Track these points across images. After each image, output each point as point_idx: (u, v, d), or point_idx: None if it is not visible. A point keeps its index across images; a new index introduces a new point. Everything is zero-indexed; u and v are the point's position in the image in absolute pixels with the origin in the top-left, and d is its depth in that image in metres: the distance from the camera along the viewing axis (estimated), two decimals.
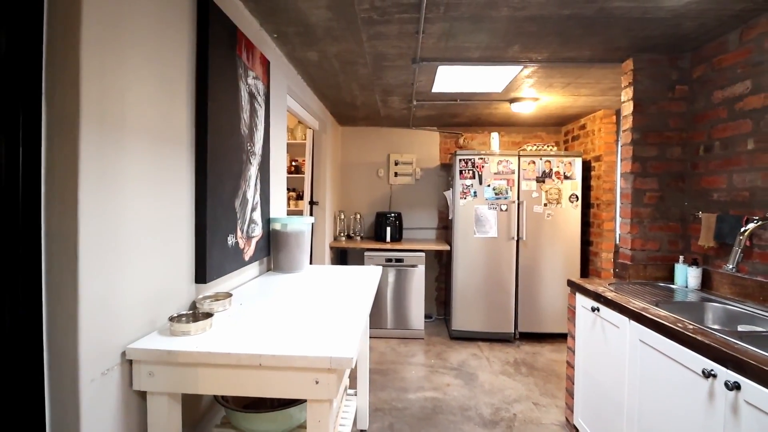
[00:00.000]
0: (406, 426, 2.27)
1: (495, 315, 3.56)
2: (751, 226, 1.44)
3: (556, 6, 1.66)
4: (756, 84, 1.71)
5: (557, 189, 3.54)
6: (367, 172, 4.36)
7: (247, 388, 1.03)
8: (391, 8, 1.69)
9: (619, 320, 1.68)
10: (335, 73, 2.58)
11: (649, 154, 2.12)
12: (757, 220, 1.47)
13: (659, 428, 1.43)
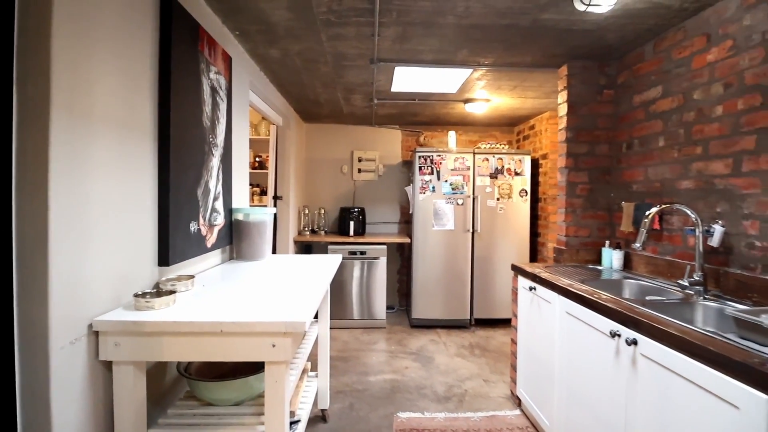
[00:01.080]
0: (365, 405, 2.42)
1: (452, 303, 3.78)
2: (653, 210, 1.69)
3: (495, 16, 1.85)
4: (666, 89, 1.99)
5: (509, 184, 3.80)
6: (331, 168, 4.47)
7: (210, 353, 1.13)
8: (347, 12, 1.82)
9: (550, 296, 1.90)
10: (298, 71, 2.67)
11: (581, 150, 2.38)
12: (658, 206, 1.72)
13: (581, 386, 1.65)
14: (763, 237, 1.48)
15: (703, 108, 1.75)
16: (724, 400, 0.98)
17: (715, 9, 1.71)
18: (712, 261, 1.67)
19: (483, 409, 2.35)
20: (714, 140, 1.69)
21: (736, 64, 1.60)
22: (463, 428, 2.14)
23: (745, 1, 1.57)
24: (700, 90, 1.77)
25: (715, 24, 1.70)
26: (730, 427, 0.97)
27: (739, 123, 1.58)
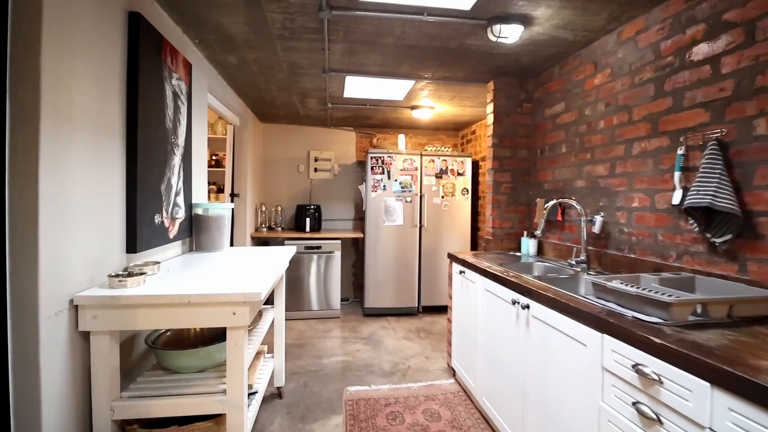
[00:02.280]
0: (318, 382, 2.66)
1: (402, 293, 4.11)
2: (549, 204, 2.09)
3: (427, 40, 2.17)
4: (567, 105, 2.40)
5: (452, 184, 4.18)
6: (288, 167, 4.65)
7: (179, 321, 1.34)
8: (299, 29, 2.06)
9: (475, 278, 2.25)
10: (254, 76, 2.86)
11: (505, 154, 2.77)
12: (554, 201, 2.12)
13: (496, 349, 2.00)
14: (629, 224, 1.90)
15: (591, 122, 2.17)
16: (578, 341, 1.34)
17: (600, 42, 2.13)
18: (596, 244, 2.09)
19: (423, 380, 2.68)
20: (598, 148, 2.11)
21: (613, 88, 2.02)
22: (404, 396, 2.45)
23: (619, 37, 1.99)
24: (589, 107, 2.19)
25: (600, 54, 2.13)
26: (581, 358, 1.33)
27: (614, 135, 2.00)
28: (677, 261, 1.63)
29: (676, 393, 0.97)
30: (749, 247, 1.35)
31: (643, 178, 1.81)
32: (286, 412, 2.30)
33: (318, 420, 2.21)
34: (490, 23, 1.93)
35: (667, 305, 1.13)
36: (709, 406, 0.89)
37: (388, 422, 2.15)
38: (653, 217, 1.75)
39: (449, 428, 2.10)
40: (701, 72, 1.54)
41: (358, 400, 2.39)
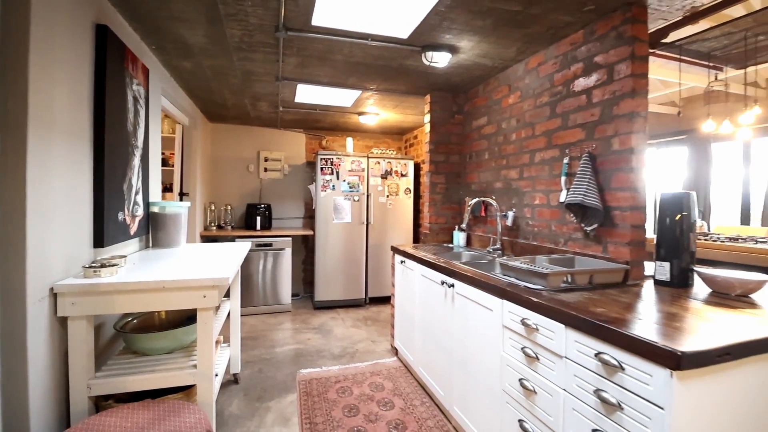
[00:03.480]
0: (272, 368, 2.87)
1: (350, 285, 4.39)
2: (472, 202, 2.50)
3: (372, 59, 2.49)
4: (489, 119, 2.84)
5: (396, 184, 4.55)
6: (237, 166, 4.73)
7: (153, 305, 1.52)
8: (257, 44, 2.27)
9: (413, 265, 2.60)
10: (208, 80, 2.99)
11: (440, 159, 3.17)
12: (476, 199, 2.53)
13: (430, 325, 2.36)
14: (533, 218, 2.36)
15: (506, 134, 2.62)
16: (487, 308, 1.73)
17: (513, 69, 2.57)
18: (509, 235, 2.54)
19: (369, 360, 2.99)
20: (511, 156, 2.56)
21: (522, 107, 2.47)
22: (352, 374, 2.74)
23: (526, 66, 2.44)
24: (505, 122, 2.63)
25: (513, 79, 2.57)
26: (489, 321, 1.71)
27: (522, 145, 2.45)
28: (564, 245, 2.09)
29: (546, 336, 1.36)
30: (608, 233, 1.83)
31: (542, 181, 2.27)
32: (243, 394, 2.50)
33: (274, 399, 2.44)
34: (424, 50, 2.29)
35: (546, 275, 1.54)
36: (564, 341, 1.29)
37: (338, 395, 2.44)
38: (549, 212, 2.21)
39: (391, 395, 2.43)
40: (580, 100, 2.00)
41: (310, 380, 2.65)
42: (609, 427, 1.10)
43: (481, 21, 1.96)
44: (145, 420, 1.36)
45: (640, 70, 1.72)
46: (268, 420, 2.21)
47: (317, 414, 2.23)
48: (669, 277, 1.59)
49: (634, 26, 1.72)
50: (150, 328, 1.94)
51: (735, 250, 2.67)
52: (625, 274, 1.68)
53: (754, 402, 1.04)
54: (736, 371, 1.01)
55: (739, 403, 1.02)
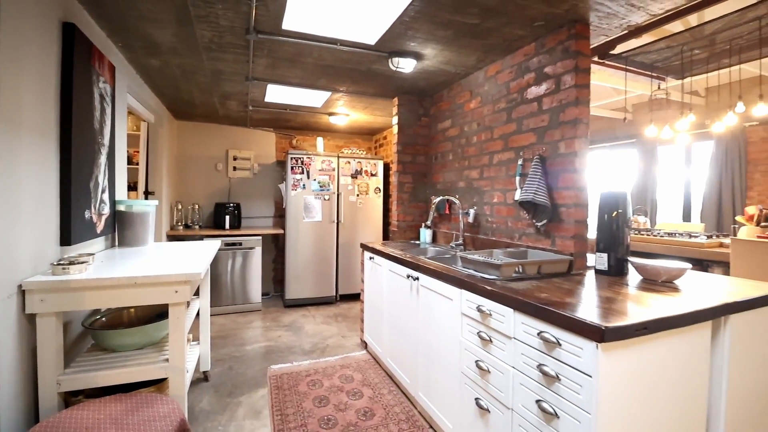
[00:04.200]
0: (243, 365, 2.91)
1: (321, 283, 4.46)
2: (436, 200, 2.65)
3: (341, 62, 2.58)
4: (453, 122, 3.00)
5: (366, 183, 4.65)
6: (205, 165, 4.68)
7: (125, 301, 1.55)
8: (227, 45, 2.31)
9: (381, 261, 2.71)
10: (176, 78, 2.98)
11: (407, 159, 3.30)
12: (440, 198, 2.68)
13: (397, 317, 2.48)
14: (492, 215, 2.53)
15: (468, 137, 2.78)
16: (448, 298, 1.86)
17: (474, 76, 2.74)
18: (471, 231, 2.70)
19: (339, 354, 3.08)
20: (472, 157, 2.73)
21: (482, 112, 2.64)
22: (322, 367, 2.82)
23: (486, 74, 2.61)
24: (467, 125, 2.80)
25: (474, 85, 2.74)
26: (450, 309, 1.85)
27: (483, 148, 2.62)
28: (519, 240, 2.27)
29: (498, 320, 1.51)
30: (556, 228, 2.01)
31: (500, 180, 2.44)
32: (214, 391, 2.53)
33: (245, 394, 2.48)
34: (391, 56, 2.41)
35: (499, 266, 1.69)
36: (513, 323, 1.44)
37: (309, 388, 2.51)
38: (506, 210, 2.39)
39: (360, 386, 2.53)
40: (532, 107, 2.18)
41: (281, 375, 2.71)
42: (549, 396, 1.26)
43: (443, 31, 2.10)
44: (118, 411, 1.39)
45: (583, 81, 1.91)
46: (239, 414, 2.25)
47: (288, 406, 2.30)
48: (607, 266, 1.79)
49: (577, 42, 1.91)
50: (119, 326, 1.95)
51: (672, 243, 2.96)
52: (569, 264, 1.86)
53: (665, 367, 1.22)
54: (651, 343, 1.19)
55: (652, 368, 1.19)
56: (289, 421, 2.14)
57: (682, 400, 1.26)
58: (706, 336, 1.31)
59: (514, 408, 1.42)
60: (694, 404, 1.30)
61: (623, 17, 1.89)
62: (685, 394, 1.27)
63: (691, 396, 1.28)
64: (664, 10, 1.81)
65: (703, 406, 1.32)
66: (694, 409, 1.30)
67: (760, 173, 4.60)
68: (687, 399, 1.27)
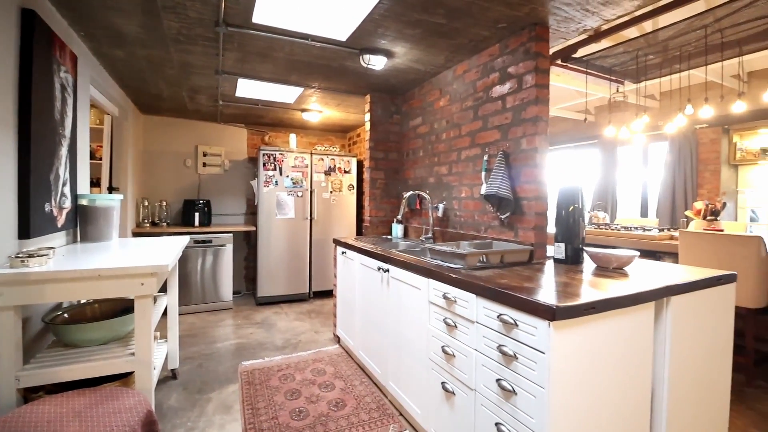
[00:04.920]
0: (213, 362, 2.87)
1: (294, 280, 4.45)
2: (406, 195, 2.71)
3: (313, 58, 2.60)
4: (423, 119, 3.07)
5: (339, 180, 4.68)
6: (173, 161, 4.57)
7: (88, 294, 1.52)
8: (195, 36, 2.29)
9: (353, 255, 2.75)
10: (142, 70, 2.91)
11: (380, 156, 3.35)
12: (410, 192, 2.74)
13: (367, 309, 2.53)
14: (460, 209, 2.61)
15: (438, 134, 2.86)
16: (416, 287, 1.93)
17: (443, 75, 2.82)
18: (440, 225, 2.78)
19: (312, 349, 3.09)
20: (442, 154, 2.81)
21: (451, 110, 2.72)
22: (295, 362, 2.83)
23: (455, 73, 2.70)
24: (437, 122, 2.88)
25: (443, 84, 2.82)
26: (418, 299, 1.91)
27: (451, 145, 2.71)
28: (485, 232, 2.37)
29: (462, 306, 1.58)
30: (518, 220, 2.11)
31: (467, 176, 2.53)
32: (183, 388, 2.49)
33: (215, 390, 2.46)
34: (362, 53, 2.45)
35: (464, 256, 1.76)
36: (475, 308, 1.51)
37: (281, 382, 2.52)
38: (473, 204, 2.48)
39: (333, 378, 2.56)
40: (497, 105, 2.28)
41: (252, 371, 2.70)
42: (508, 375, 1.34)
43: (411, 30, 2.16)
44: (81, 405, 1.37)
45: (543, 81, 2.02)
46: (209, 409, 2.24)
47: (259, 400, 2.30)
48: (564, 256, 1.90)
49: (538, 44, 2.01)
50: (82, 321, 1.90)
51: (627, 237, 3.15)
52: (530, 254, 1.97)
53: (613, 344, 1.33)
54: (600, 322, 1.28)
55: (601, 345, 1.29)
56: (260, 414, 2.14)
57: (628, 374, 1.37)
58: (650, 315, 1.43)
59: (476, 389, 1.49)
60: (640, 378, 1.41)
61: (579, 21, 2.01)
62: (631, 368, 1.38)
63: (637, 370, 1.40)
64: (616, 15, 1.94)
65: (648, 379, 1.44)
66: (639, 383, 1.41)
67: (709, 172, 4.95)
68: (633, 373, 1.39)
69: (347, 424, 2.06)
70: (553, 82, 4.20)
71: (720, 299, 1.66)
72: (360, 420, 2.09)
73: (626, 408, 1.37)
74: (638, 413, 1.41)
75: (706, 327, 1.62)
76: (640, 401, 1.42)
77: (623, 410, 1.36)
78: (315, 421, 2.07)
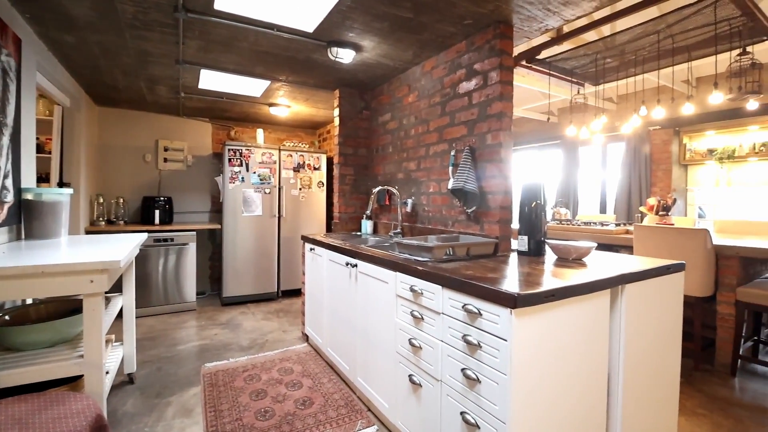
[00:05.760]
0: (173, 365, 2.75)
1: (261, 279, 4.34)
2: (375, 191, 2.71)
3: (279, 50, 2.54)
4: (392, 115, 3.07)
5: (309, 177, 4.61)
6: (131, 156, 4.35)
7: (31, 293, 1.41)
8: (153, 23, 2.18)
9: (322, 252, 2.71)
10: (95, 57, 2.74)
11: (349, 152, 3.32)
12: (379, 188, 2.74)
13: (337, 305, 2.50)
14: (428, 204, 2.63)
15: (406, 130, 2.87)
16: (384, 281, 1.92)
17: (411, 71, 2.83)
18: (409, 220, 2.79)
19: (279, 348, 3.02)
20: (410, 149, 2.82)
21: (419, 106, 2.74)
22: (261, 362, 2.76)
23: (423, 69, 2.71)
24: (405, 118, 2.89)
25: (412, 80, 2.83)
26: (386, 292, 1.90)
27: (420, 140, 2.72)
28: (452, 227, 2.39)
29: (428, 297, 1.59)
30: (484, 214, 2.15)
31: (435, 171, 2.56)
32: (140, 393, 2.37)
33: (175, 394, 2.36)
34: (329, 45, 2.42)
35: (431, 249, 1.77)
36: (441, 300, 1.52)
37: (246, 383, 2.45)
38: (440, 199, 2.51)
39: (300, 377, 2.52)
40: (463, 101, 2.31)
41: (216, 372, 2.60)
42: (473, 364, 1.35)
43: (379, 23, 2.15)
44: (22, 412, 1.27)
45: (507, 78, 2.06)
46: (168, 414, 2.14)
47: (223, 402, 2.22)
48: (527, 248, 1.95)
49: (502, 41, 2.05)
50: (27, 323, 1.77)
51: (587, 231, 3.29)
52: (495, 246, 2.00)
53: (571, 330, 1.37)
54: (559, 309, 1.32)
55: (561, 331, 1.33)
56: (223, 417, 2.07)
57: (587, 359, 1.42)
58: (606, 303, 1.49)
59: (442, 379, 1.50)
60: (597, 362, 1.46)
61: (541, 21, 2.07)
62: (589, 353, 1.43)
63: (594, 355, 1.45)
64: (576, 16, 2.01)
65: (604, 363, 1.50)
66: (597, 367, 1.46)
67: (661, 171, 5.24)
68: (591, 358, 1.44)
69: (314, 422, 2.02)
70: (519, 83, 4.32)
71: (670, 287, 1.75)
72: (327, 417, 2.06)
73: (585, 391, 1.42)
74: (596, 396, 1.46)
75: (658, 313, 1.70)
76: (598, 384, 1.47)
77: (582, 393, 1.41)
78: (281, 421, 2.02)
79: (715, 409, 2.16)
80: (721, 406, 2.19)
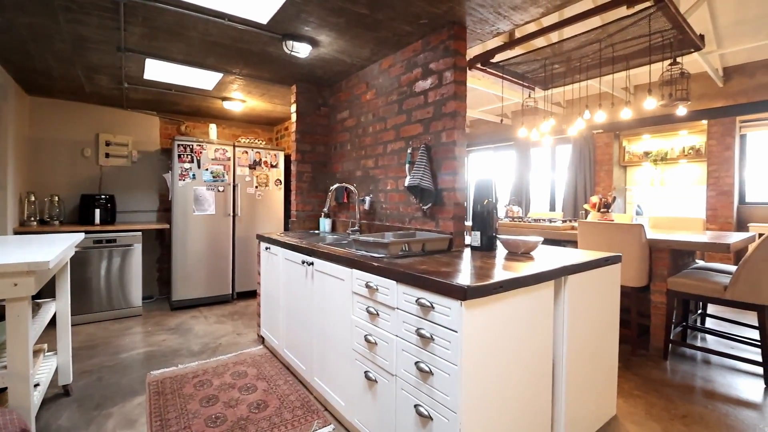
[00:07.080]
0: (115, 374, 2.57)
1: (215, 281, 4.16)
2: (332, 188, 2.69)
3: (231, 40, 2.44)
4: (350, 112, 3.06)
5: (266, 175, 4.48)
6: (68, 150, 4.02)
7: None
8: (89, 5, 2.02)
9: (278, 251, 2.64)
10: (24, 42, 2.50)
11: (307, 148, 3.27)
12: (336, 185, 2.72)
13: (292, 304, 2.44)
14: (386, 202, 2.64)
15: (365, 127, 2.87)
16: (340, 278, 1.90)
17: (369, 68, 2.83)
18: (367, 218, 2.79)
19: (233, 352, 2.91)
20: (368, 147, 2.82)
21: (377, 104, 2.74)
22: (213, 367, 2.64)
23: (380, 67, 2.72)
24: (364, 116, 2.88)
25: (370, 77, 2.83)
26: (341, 290, 1.89)
27: (377, 138, 2.73)
28: (409, 223, 2.42)
29: (384, 293, 1.59)
30: (439, 210, 2.19)
31: (393, 168, 2.57)
32: (77, 405, 2.20)
33: (117, 404, 2.20)
34: (285, 38, 2.36)
35: (387, 245, 1.78)
36: (396, 295, 1.53)
37: (196, 389, 2.33)
38: (398, 196, 2.52)
39: (255, 380, 2.44)
40: (419, 100, 2.34)
41: (163, 380, 2.46)
42: (426, 357, 1.37)
43: (335, 18, 2.13)
44: None
45: (460, 78, 2.11)
46: (108, 426, 1.99)
47: (170, 410, 2.10)
48: (480, 243, 2.01)
49: (456, 42, 2.10)
50: None
51: (537, 228, 3.45)
52: (449, 242, 2.05)
53: (517, 320, 1.43)
54: (507, 300, 1.37)
55: (509, 322, 1.38)
56: (170, 426, 1.96)
57: (533, 347, 1.48)
58: (550, 293, 1.56)
59: (397, 374, 1.51)
60: (543, 350, 1.53)
61: (493, 24, 2.14)
62: (535, 341, 1.49)
63: (540, 343, 1.52)
64: (524, 20, 2.10)
65: (549, 350, 1.57)
66: (543, 354, 1.53)
67: (604, 172, 5.61)
68: (537, 346, 1.50)
69: (269, 425, 1.96)
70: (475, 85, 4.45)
71: (608, 278, 1.87)
72: (282, 419, 2.01)
73: (532, 377, 1.48)
74: (542, 381, 1.53)
75: (598, 303, 1.82)
76: (543, 370, 1.54)
77: (529, 380, 1.47)
78: (233, 426, 1.95)
79: (650, 390, 2.33)
80: (655, 387, 2.37)
